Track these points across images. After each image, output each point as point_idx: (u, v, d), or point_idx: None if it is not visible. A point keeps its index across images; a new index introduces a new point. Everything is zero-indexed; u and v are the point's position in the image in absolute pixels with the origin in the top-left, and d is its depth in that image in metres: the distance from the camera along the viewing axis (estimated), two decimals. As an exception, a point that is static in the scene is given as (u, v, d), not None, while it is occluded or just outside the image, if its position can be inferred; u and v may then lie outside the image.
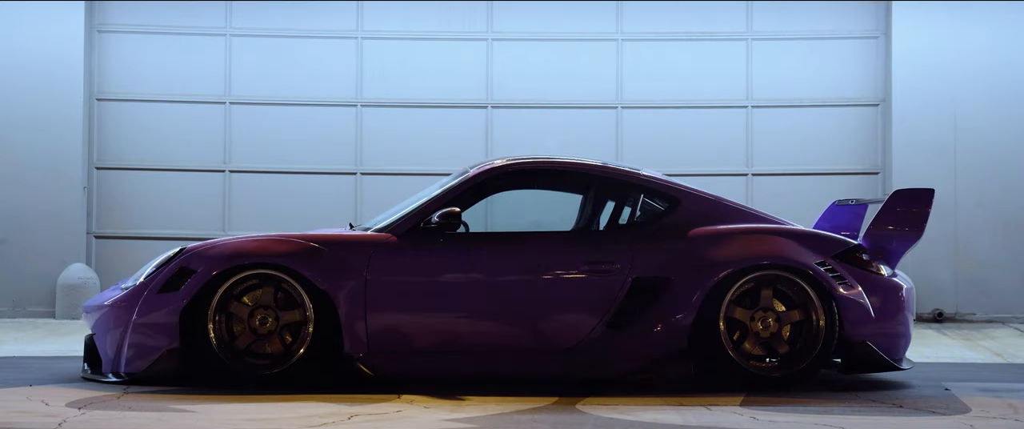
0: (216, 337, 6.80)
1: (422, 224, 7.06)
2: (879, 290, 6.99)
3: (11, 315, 12.06)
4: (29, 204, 12.30)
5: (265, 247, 6.91)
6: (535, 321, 6.98)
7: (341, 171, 12.73)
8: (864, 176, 12.67)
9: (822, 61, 12.78)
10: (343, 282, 6.84)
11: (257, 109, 12.72)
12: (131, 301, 6.90)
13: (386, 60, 12.74)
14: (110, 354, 6.97)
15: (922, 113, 12.43)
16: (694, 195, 7.30)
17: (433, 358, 6.95)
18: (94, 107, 12.54)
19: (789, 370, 6.87)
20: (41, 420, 5.42)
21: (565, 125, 12.76)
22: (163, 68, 12.66)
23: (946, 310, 12.26)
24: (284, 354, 6.84)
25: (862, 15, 12.75)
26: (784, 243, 7.01)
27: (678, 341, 6.87)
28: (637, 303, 6.97)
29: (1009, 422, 5.64)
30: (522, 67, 12.81)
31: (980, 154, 12.44)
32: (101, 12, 12.57)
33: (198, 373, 6.81)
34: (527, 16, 12.82)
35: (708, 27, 12.83)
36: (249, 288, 6.88)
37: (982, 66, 12.46)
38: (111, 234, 12.62)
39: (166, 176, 12.62)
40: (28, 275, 12.19)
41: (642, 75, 12.80)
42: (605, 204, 7.58)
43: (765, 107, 12.76)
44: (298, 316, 6.84)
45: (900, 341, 7.06)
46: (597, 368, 6.96)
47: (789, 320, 6.94)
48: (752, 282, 6.94)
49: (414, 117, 12.76)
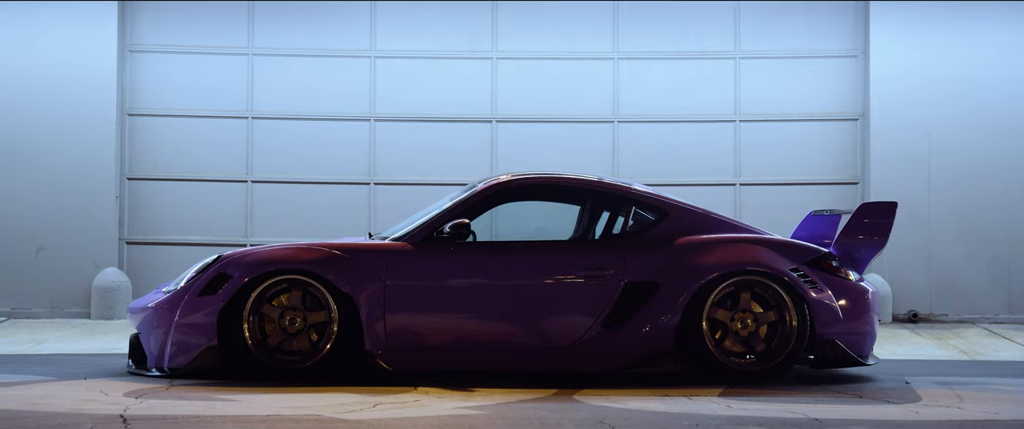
0: (250, 336, 7.26)
1: (435, 234, 7.52)
2: (847, 294, 7.47)
3: (49, 316, 12.20)
4: (66, 212, 12.34)
5: (294, 255, 7.38)
6: (537, 321, 7.43)
7: (355, 181, 12.76)
8: (844, 186, 12.75)
9: (805, 78, 12.84)
10: (364, 286, 7.30)
11: (277, 123, 12.77)
12: (173, 303, 7.38)
13: (397, 77, 12.81)
14: (154, 351, 7.44)
15: (898, 127, 12.52)
16: (681, 208, 7.76)
17: (445, 354, 7.40)
18: (126, 122, 12.57)
19: (765, 366, 7.35)
20: (107, 407, 6.06)
21: (565, 138, 12.80)
22: (190, 85, 12.70)
23: (920, 311, 12.45)
24: (311, 351, 7.29)
25: (842, 36, 12.80)
26: (761, 251, 7.49)
27: (665, 339, 7.34)
28: (629, 305, 7.42)
29: (952, 409, 6.30)
30: (524, 84, 12.87)
31: (952, 166, 12.55)
32: (132, 33, 12.58)
33: (234, 368, 7.28)
34: (529, 36, 12.84)
35: (699, 46, 12.85)
36: (279, 291, 7.32)
37: (953, 84, 12.57)
38: (141, 240, 12.65)
39: (192, 186, 12.66)
40: (65, 278, 12.27)
41: (637, 91, 12.85)
42: (600, 215, 7.89)
43: (752, 121, 12.82)
44: (324, 317, 7.30)
45: (866, 339, 7.55)
46: (592, 363, 7.41)
47: (765, 320, 7.41)
48: (732, 286, 7.40)
49: (423, 131, 12.82)
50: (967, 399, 6.73)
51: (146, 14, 12.65)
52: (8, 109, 12.33)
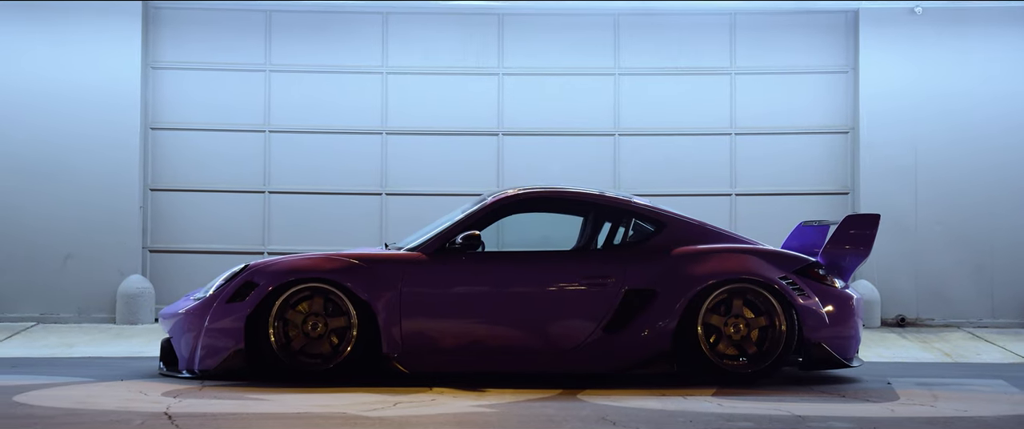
0: (276, 340, 7.67)
1: (448, 244, 7.92)
2: (833, 300, 7.86)
3: (77, 321, 12.40)
4: (92, 222, 12.50)
5: (316, 264, 7.79)
6: (543, 326, 7.81)
7: (368, 192, 12.92)
8: (835, 196, 12.94)
9: (798, 93, 13.01)
10: (381, 293, 7.70)
11: (293, 137, 12.92)
12: (203, 309, 7.78)
13: (408, 92, 12.98)
14: (185, 354, 7.84)
15: (887, 141, 12.70)
16: (677, 219, 8.17)
17: (457, 357, 7.80)
18: (148, 135, 12.73)
19: (757, 367, 7.75)
20: (150, 405, 6.53)
21: (568, 151, 12.94)
22: (210, 100, 12.86)
23: (908, 316, 12.65)
24: (332, 354, 7.68)
25: (833, 52, 12.98)
26: (753, 260, 7.89)
27: (663, 343, 7.74)
28: (629, 311, 7.80)
29: (926, 407, 6.75)
30: (529, 98, 13.02)
31: (938, 177, 12.73)
32: (155, 51, 12.75)
33: (260, 370, 7.68)
34: (534, 53, 13.00)
35: (696, 62, 13.01)
36: (302, 298, 7.72)
37: (940, 100, 12.75)
38: (163, 248, 12.83)
39: (212, 197, 12.82)
40: (91, 285, 12.46)
41: (637, 105, 13.01)
42: (602, 226, 8.22)
43: (747, 134, 12.99)
44: (344, 322, 7.70)
45: (851, 343, 7.94)
46: (595, 365, 7.80)
47: (757, 325, 7.81)
48: (726, 293, 7.80)
49: (433, 143, 12.98)
50: (942, 398, 7.16)
51: (168, 33, 12.86)
52: (40, 125, 12.51)
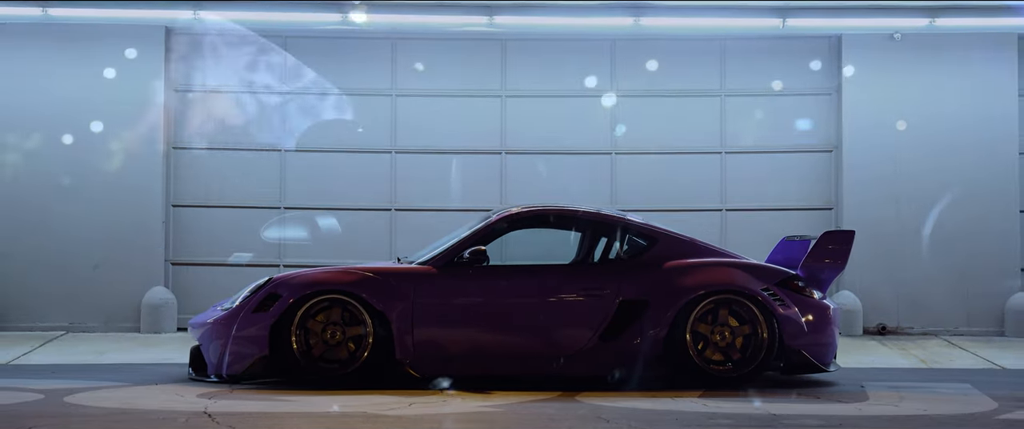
0: (297, 347, 8.23)
1: (456, 259, 8.49)
2: (811, 310, 8.44)
3: (103, 330, 12.80)
4: (118, 235, 12.88)
5: (335, 277, 8.37)
6: (544, 334, 8.37)
7: (378, 208, 13.24)
8: (820, 211, 13.28)
9: (784, 114, 13.34)
10: (395, 304, 8.27)
11: (307, 155, 13.20)
12: (231, 319, 8.36)
13: (416, 114, 13.29)
14: (213, 360, 8.42)
15: (869, 159, 13.06)
16: (668, 235, 8.74)
17: (465, 362, 8.35)
18: (171, 154, 13.12)
19: (741, 372, 8.33)
20: (189, 405, 7.14)
21: (568, 168, 13.24)
22: (228, 121, 13.11)
23: (889, 324, 13.04)
24: (349, 360, 8.24)
25: (818, 75, 13.29)
26: (737, 273, 8.47)
27: (655, 349, 8.31)
28: (623, 320, 8.36)
29: (890, 407, 7.36)
30: (531, 119, 13.33)
31: (917, 193, 13.06)
32: (177, 76, 13.07)
33: (282, 375, 8.26)
34: (536, 76, 13.30)
35: (688, 85, 13.33)
36: (322, 309, 8.29)
37: (917, 119, 13.10)
38: (184, 261, 13.16)
39: (230, 212, 13.16)
40: (117, 295, 12.83)
41: (633, 126, 13.32)
42: (599, 241, 8.74)
43: (736, 153, 13.33)
44: (360, 330, 8.27)
45: (828, 349, 8.51)
46: (592, 370, 8.35)
47: (741, 333, 8.39)
48: (713, 304, 8.37)
49: (440, 162, 13.28)
50: (908, 399, 7.76)
51: (192, 60, 13.20)
52: (71, 144, 12.95)
